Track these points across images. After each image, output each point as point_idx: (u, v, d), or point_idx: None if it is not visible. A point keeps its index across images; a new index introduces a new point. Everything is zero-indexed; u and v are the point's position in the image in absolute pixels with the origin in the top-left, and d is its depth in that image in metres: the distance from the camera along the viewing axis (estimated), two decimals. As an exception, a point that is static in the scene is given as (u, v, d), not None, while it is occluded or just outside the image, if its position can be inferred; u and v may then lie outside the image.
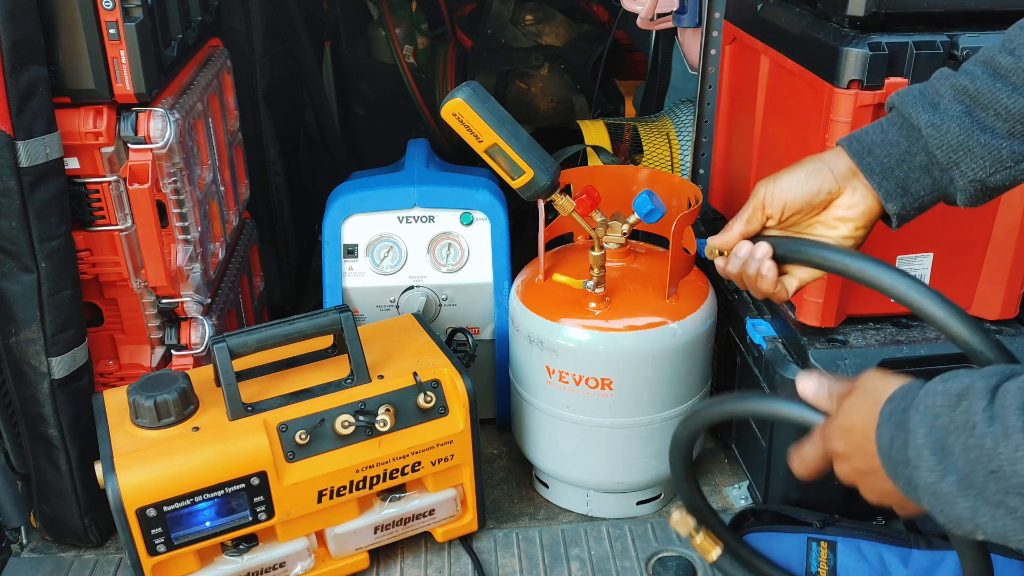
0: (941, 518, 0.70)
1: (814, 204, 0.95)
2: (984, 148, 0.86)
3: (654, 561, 1.38)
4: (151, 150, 1.27)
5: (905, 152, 0.91)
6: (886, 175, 0.92)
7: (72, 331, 1.27)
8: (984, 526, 0.67)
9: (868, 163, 0.92)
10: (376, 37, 2.61)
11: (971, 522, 0.67)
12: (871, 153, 0.92)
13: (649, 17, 1.65)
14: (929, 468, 0.69)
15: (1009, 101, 0.85)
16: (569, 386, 1.34)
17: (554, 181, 1.22)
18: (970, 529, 0.68)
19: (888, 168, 0.92)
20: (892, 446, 0.73)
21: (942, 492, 0.68)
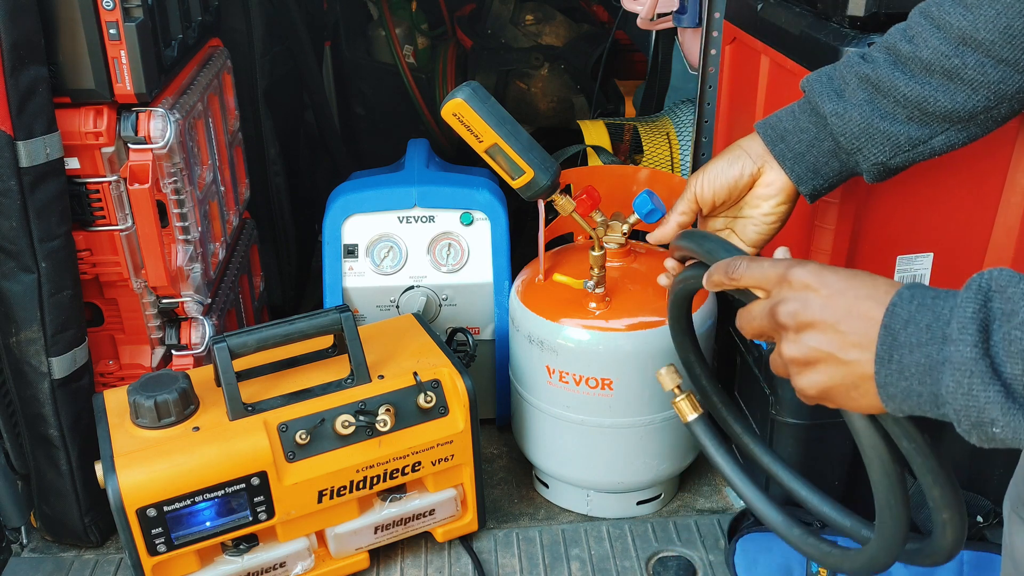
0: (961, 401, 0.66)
1: (739, 187, 1.04)
2: (883, 135, 0.94)
3: (654, 561, 1.38)
4: (151, 150, 1.27)
5: (814, 138, 0.99)
6: (797, 160, 1.00)
7: (72, 331, 1.27)
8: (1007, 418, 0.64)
9: (780, 149, 1.01)
10: (376, 37, 2.61)
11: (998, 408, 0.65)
12: (783, 140, 1.01)
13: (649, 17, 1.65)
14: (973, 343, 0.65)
15: (907, 90, 0.92)
16: (569, 386, 1.34)
17: (554, 181, 1.22)
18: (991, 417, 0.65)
19: (799, 153, 1.00)
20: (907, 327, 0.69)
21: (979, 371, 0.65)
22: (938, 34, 0.91)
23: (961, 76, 0.91)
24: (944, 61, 0.90)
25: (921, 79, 0.92)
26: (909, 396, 0.69)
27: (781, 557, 1.31)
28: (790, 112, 1.01)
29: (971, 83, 0.91)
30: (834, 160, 1.00)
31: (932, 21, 0.91)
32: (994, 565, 1.28)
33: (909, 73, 0.92)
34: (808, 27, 1.20)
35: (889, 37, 0.95)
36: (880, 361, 0.70)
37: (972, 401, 0.66)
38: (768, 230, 1.06)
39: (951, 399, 0.67)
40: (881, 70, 0.94)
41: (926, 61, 0.91)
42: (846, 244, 1.22)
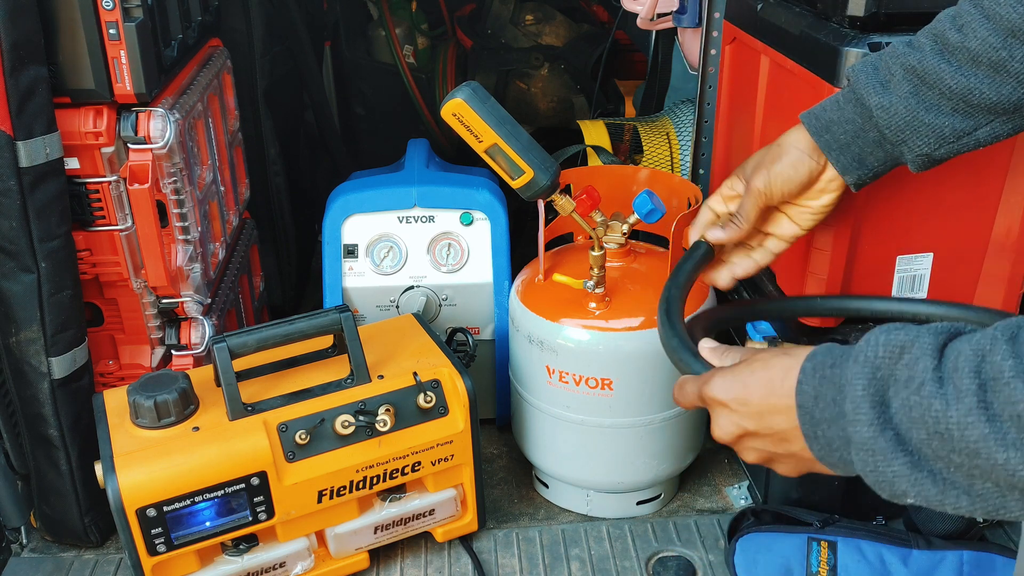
0: (871, 478, 0.68)
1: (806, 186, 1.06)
2: (928, 127, 0.95)
3: (654, 561, 1.38)
4: (151, 150, 1.27)
5: (859, 129, 0.99)
6: (843, 150, 1.01)
7: (72, 331, 1.27)
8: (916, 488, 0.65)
9: (826, 140, 1.01)
10: (376, 37, 2.60)
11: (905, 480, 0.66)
12: (829, 130, 1.01)
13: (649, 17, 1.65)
14: (868, 422, 0.66)
15: (952, 82, 0.92)
16: (569, 386, 1.34)
17: (554, 181, 1.22)
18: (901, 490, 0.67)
19: (844, 144, 1.01)
20: (817, 403, 0.71)
21: (878, 448, 0.66)
22: (987, 24, 0.90)
23: (1008, 68, 0.90)
24: (992, 53, 0.89)
25: (967, 70, 0.91)
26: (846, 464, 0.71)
27: (781, 557, 1.31)
28: (834, 103, 1.02)
29: (1017, 76, 0.90)
30: (879, 150, 1.00)
31: (982, 11, 0.90)
32: (994, 565, 1.28)
33: (956, 64, 0.92)
34: (808, 27, 1.20)
35: (938, 24, 0.94)
36: (809, 440, 0.73)
37: (881, 476, 0.67)
38: (821, 217, 1.09)
39: (863, 475, 0.69)
40: (927, 60, 0.93)
41: (973, 52, 0.90)
42: (846, 244, 1.22)
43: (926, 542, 1.29)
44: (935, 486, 0.64)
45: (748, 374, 0.78)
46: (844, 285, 1.25)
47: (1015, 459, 0.59)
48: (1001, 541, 1.36)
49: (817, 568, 1.28)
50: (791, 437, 0.75)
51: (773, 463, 0.81)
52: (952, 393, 0.62)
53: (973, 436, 0.61)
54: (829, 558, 1.29)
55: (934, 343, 0.65)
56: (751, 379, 0.78)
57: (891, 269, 1.25)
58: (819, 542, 1.30)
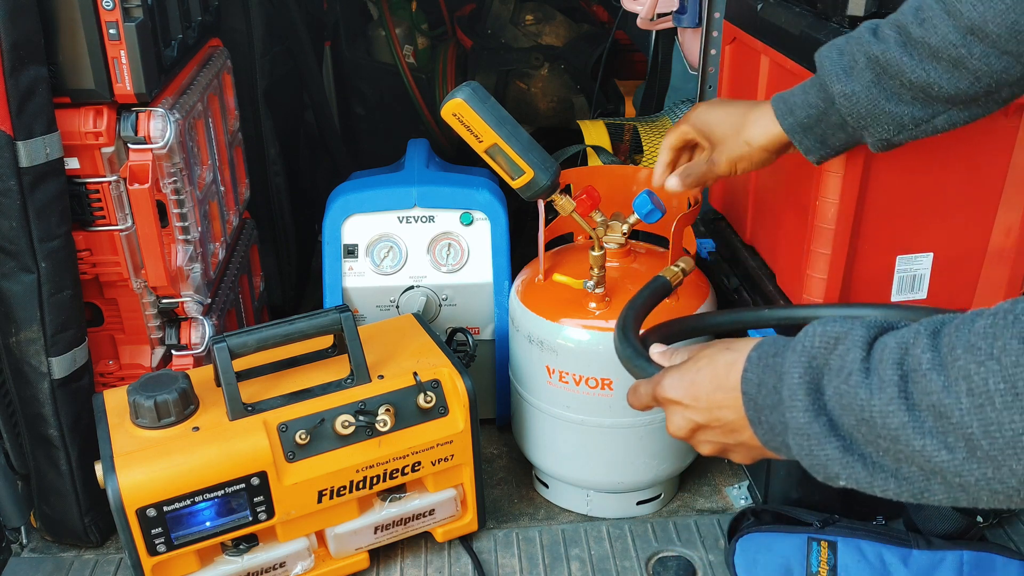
0: (806, 461, 0.71)
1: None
2: (888, 115, 0.99)
3: (654, 561, 1.38)
4: (151, 150, 1.27)
5: (822, 113, 1.04)
6: (806, 132, 1.06)
7: (72, 331, 1.27)
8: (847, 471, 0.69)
9: (790, 123, 1.07)
10: (376, 37, 2.60)
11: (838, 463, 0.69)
12: (792, 113, 1.06)
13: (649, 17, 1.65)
14: (803, 408, 0.70)
15: (912, 75, 0.95)
16: (569, 386, 1.34)
17: (554, 181, 1.22)
18: (834, 473, 0.70)
19: (807, 126, 1.06)
20: (760, 390, 0.75)
21: (812, 433, 0.69)
22: (948, 21, 0.92)
23: (966, 65, 0.93)
24: (951, 50, 0.93)
25: (927, 64, 0.94)
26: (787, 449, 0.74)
27: (781, 557, 1.31)
28: (801, 88, 1.07)
29: (975, 72, 0.93)
30: (841, 132, 1.05)
31: (944, 6, 0.93)
32: (994, 565, 1.28)
33: (916, 57, 0.95)
34: (808, 27, 1.20)
35: (902, 15, 0.97)
36: (754, 425, 0.77)
37: (815, 460, 0.70)
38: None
39: (800, 459, 0.72)
40: (891, 52, 0.96)
41: (934, 47, 0.93)
42: (846, 244, 1.22)
43: (926, 542, 1.29)
44: (865, 469, 0.68)
45: (695, 371, 0.82)
46: (844, 285, 1.25)
47: (931, 446, 0.62)
48: (1001, 541, 1.36)
49: (817, 568, 1.28)
50: (739, 427, 0.79)
51: (727, 453, 0.84)
52: (876, 383, 0.65)
53: (893, 424, 0.64)
54: (829, 558, 1.29)
55: (865, 335, 0.69)
56: (698, 376, 0.81)
57: (891, 269, 1.25)
58: (819, 542, 1.30)
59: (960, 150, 1.18)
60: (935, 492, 0.65)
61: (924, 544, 1.29)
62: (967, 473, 0.62)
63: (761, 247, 1.48)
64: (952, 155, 1.18)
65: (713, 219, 1.67)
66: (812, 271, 1.25)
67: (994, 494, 0.62)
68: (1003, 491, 0.61)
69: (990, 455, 0.60)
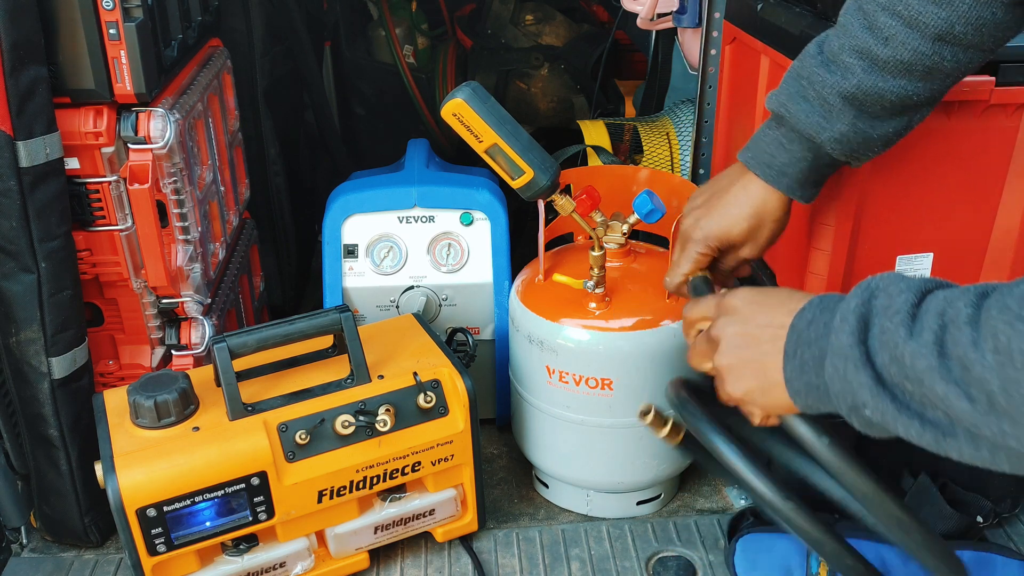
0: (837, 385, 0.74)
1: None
2: (878, 139, 1.01)
3: (654, 561, 1.38)
4: (151, 150, 1.27)
5: (813, 162, 1.04)
6: (803, 186, 1.06)
7: (72, 331, 1.27)
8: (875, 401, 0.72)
9: (786, 183, 1.05)
10: (376, 37, 2.60)
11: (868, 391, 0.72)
12: (785, 174, 1.05)
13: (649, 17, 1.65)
14: (849, 332, 0.73)
15: (892, 95, 0.96)
16: (569, 386, 1.34)
17: (554, 181, 1.22)
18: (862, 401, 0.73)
19: (803, 181, 1.06)
20: (811, 325, 0.78)
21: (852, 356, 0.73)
22: (914, 35, 0.93)
23: (940, 69, 0.95)
24: (925, 60, 0.94)
25: (902, 80, 0.96)
26: (809, 391, 0.77)
27: (781, 557, 1.31)
28: (778, 144, 1.05)
29: (947, 72, 0.96)
30: (830, 169, 1.07)
31: (904, 21, 0.93)
32: (994, 565, 1.28)
33: (890, 77, 0.96)
34: (808, 27, 1.20)
35: (856, 39, 0.96)
36: (787, 357, 0.79)
37: (846, 385, 0.73)
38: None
39: (831, 383, 0.75)
40: (864, 82, 0.96)
41: (907, 63, 0.94)
42: (846, 244, 1.22)
43: (926, 542, 1.29)
44: (893, 404, 0.71)
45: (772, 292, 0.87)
46: (844, 285, 1.25)
47: (953, 393, 0.65)
48: (1001, 541, 1.36)
49: (817, 569, 1.28)
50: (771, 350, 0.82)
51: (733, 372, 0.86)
52: (917, 328, 0.69)
53: (920, 366, 0.67)
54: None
55: (921, 286, 0.72)
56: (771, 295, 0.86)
57: (891, 269, 1.25)
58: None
59: (960, 150, 1.18)
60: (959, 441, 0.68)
61: (924, 544, 1.29)
62: (985, 426, 0.64)
63: (761, 247, 1.48)
64: (952, 155, 1.18)
65: (713, 219, 1.67)
66: (812, 270, 1.25)
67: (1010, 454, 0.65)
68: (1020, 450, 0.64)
69: (1007, 412, 0.62)
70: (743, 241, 1.09)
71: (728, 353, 0.87)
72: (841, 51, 0.97)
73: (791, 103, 1.02)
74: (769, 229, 1.09)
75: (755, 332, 0.84)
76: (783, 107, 1.03)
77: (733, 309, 0.88)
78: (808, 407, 0.79)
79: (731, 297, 0.89)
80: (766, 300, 0.85)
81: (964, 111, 1.15)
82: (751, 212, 1.07)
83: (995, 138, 1.18)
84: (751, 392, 0.85)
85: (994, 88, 1.13)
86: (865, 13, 0.96)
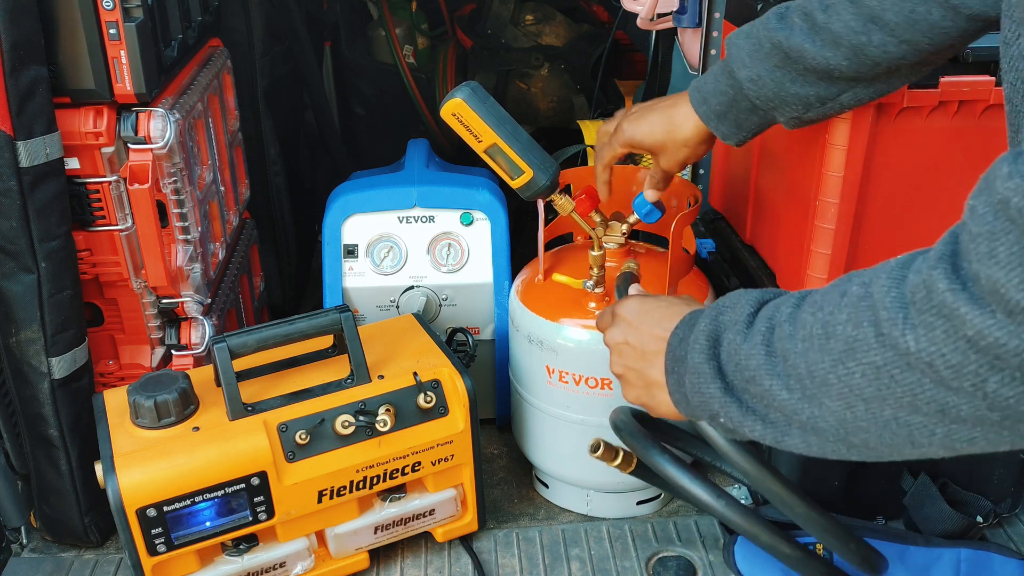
0: (695, 399, 0.80)
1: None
2: (795, 96, 1.05)
3: (654, 561, 1.38)
4: (151, 150, 1.27)
5: (732, 99, 1.09)
6: (720, 119, 1.12)
7: (72, 331, 1.27)
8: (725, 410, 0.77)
9: (705, 111, 1.12)
10: (376, 37, 2.60)
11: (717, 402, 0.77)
12: (706, 102, 1.12)
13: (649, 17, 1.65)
14: (700, 350, 0.79)
15: (814, 61, 1.00)
16: (569, 386, 1.34)
17: (554, 181, 1.22)
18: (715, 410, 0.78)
19: (721, 113, 1.11)
20: (680, 344, 0.84)
21: (702, 372, 0.78)
22: (851, 8, 0.97)
23: (865, 51, 0.98)
24: (852, 36, 0.98)
25: (829, 50, 0.99)
26: (687, 402, 0.83)
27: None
28: (712, 75, 1.11)
29: (873, 58, 0.99)
30: (753, 115, 1.10)
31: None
32: (992, 564, 1.28)
33: (819, 43, 1.00)
34: (808, 27, 1.20)
35: (809, 2, 1.01)
36: (666, 372, 0.86)
37: (702, 398, 0.79)
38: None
39: (691, 397, 0.81)
40: (794, 38, 1.01)
41: (836, 33, 0.99)
42: (846, 244, 1.22)
43: (924, 540, 1.29)
44: (739, 410, 0.76)
45: (654, 306, 0.93)
46: (844, 285, 1.25)
47: (776, 386, 0.71)
48: (1001, 541, 1.36)
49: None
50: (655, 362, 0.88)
51: (625, 380, 0.93)
52: (751, 333, 0.75)
53: (752, 365, 0.73)
54: (826, 556, 1.29)
55: (759, 297, 0.78)
56: (654, 308, 0.92)
57: (891, 269, 1.25)
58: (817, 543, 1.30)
59: (960, 150, 1.18)
60: (793, 436, 0.72)
61: (922, 541, 1.29)
62: (801, 412, 0.70)
63: (761, 247, 1.48)
64: (952, 155, 1.18)
65: (713, 219, 1.68)
66: (812, 271, 1.25)
67: (825, 439, 0.70)
68: (831, 432, 0.68)
69: (813, 394, 0.68)
70: (656, 151, 1.19)
71: (618, 363, 0.94)
72: (795, 7, 1.03)
73: (736, 38, 1.08)
74: (682, 149, 1.17)
75: (639, 343, 0.91)
76: (730, 40, 1.09)
77: (620, 319, 0.94)
78: (691, 415, 0.85)
79: (620, 307, 0.95)
80: (651, 311, 0.92)
81: (964, 111, 1.15)
82: (668, 128, 1.16)
83: (995, 138, 1.18)
84: (641, 398, 0.92)
85: (994, 88, 1.13)
86: None
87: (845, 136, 1.15)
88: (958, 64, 1.12)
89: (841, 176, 1.18)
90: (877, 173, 1.18)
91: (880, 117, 1.14)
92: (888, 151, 1.17)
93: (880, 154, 1.17)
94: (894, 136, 1.16)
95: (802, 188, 1.25)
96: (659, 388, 0.87)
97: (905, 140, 1.16)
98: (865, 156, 1.16)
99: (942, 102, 1.14)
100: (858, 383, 0.64)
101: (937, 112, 1.15)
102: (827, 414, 0.68)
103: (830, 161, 1.18)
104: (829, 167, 1.18)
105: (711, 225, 1.68)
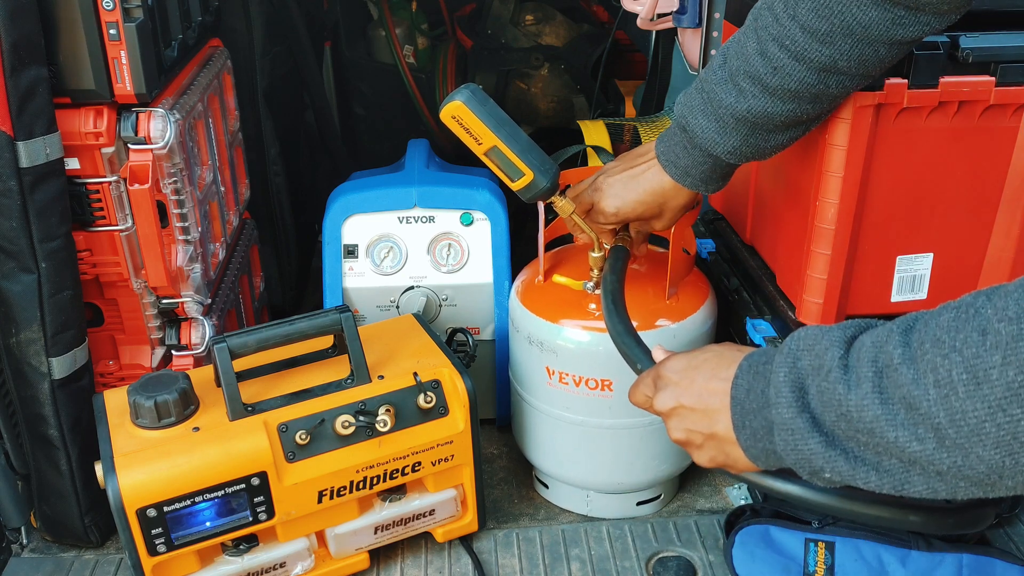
0: (791, 457, 0.75)
1: None
2: (771, 146, 1.10)
3: (654, 561, 1.38)
4: (151, 150, 1.27)
5: (713, 167, 1.14)
6: (707, 182, 1.16)
7: (72, 331, 1.27)
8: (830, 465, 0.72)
9: (691, 181, 1.16)
10: (376, 37, 2.60)
11: (820, 457, 0.73)
12: (689, 174, 1.15)
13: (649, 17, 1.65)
14: (787, 404, 0.74)
15: (781, 117, 1.05)
16: (569, 387, 1.34)
17: (553, 183, 1.22)
18: (818, 466, 0.73)
19: (705, 179, 1.15)
20: (748, 395, 0.79)
21: (796, 428, 0.73)
22: (800, 67, 1.00)
23: (826, 94, 1.04)
24: (811, 88, 1.02)
25: (790, 103, 1.04)
26: (768, 455, 0.78)
27: (778, 555, 1.31)
28: (684, 150, 1.14)
29: (834, 96, 1.05)
30: (731, 169, 1.17)
31: (792, 55, 1.00)
32: (994, 569, 1.28)
33: (780, 100, 1.04)
34: (808, 28, 1.20)
35: (751, 66, 1.03)
36: (737, 429, 0.81)
37: (799, 455, 0.74)
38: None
39: (785, 455, 0.76)
40: (755, 106, 1.04)
41: (794, 91, 1.02)
42: (846, 245, 1.22)
43: (925, 543, 1.29)
44: (847, 463, 0.71)
45: (701, 359, 0.87)
46: (844, 286, 1.25)
47: (904, 437, 0.66)
48: (1001, 542, 1.36)
49: (814, 568, 1.28)
50: (719, 418, 0.83)
51: (692, 445, 0.88)
52: (853, 379, 0.69)
53: (868, 417, 0.68)
54: (826, 558, 1.29)
55: (843, 336, 0.73)
56: (702, 362, 0.87)
57: (891, 269, 1.25)
58: (816, 542, 1.30)
59: (960, 150, 1.18)
60: (915, 483, 0.68)
61: (924, 545, 1.29)
62: (939, 462, 0.65)
63: (761, 247, 1.48)
64: (952, 155, 1.18)
65: (713, 219, 1.68)
66: (812, 271, 1.25)
67: (968, 483, 0.65)
68: (975, 478, 0.64)
69: (957, 443, 0.63)
70: (651, 218, 1.22)
71: (678, 428, 0.89)
72: (738, 73, 1.05)
73: (691, 116, 1.11)
74: (676, 211, 1.21)
75: (697, 403, 0.85)
76: (684, 119, 1.12)
77: (666, 381, 0.90)
78: (770, 466, 0.81)
79: (662, 369, 0.91)
80: (699, 366, 0.87)
81: (964, 111, 1.15)
82: (661, 200, 1.19)
83: (995, 138, 1.18)
84: (716, 460, 0.87)
85: (994, 88, 1.13)
86: (759, 39, 1.02)
87: (845, 136, 1.15)
88: (958, 64, 1.12)
89: (841, 176, 1.17)
90: (877, 173, 1.18)
91: (880, 117, 1.14)
92: (888, 151, 1.17)
93: (880, 154, 1.17)
94: (894, 136, 1.16)
95: (802, 188, 1.25)
96: (731, 445, 0.82)
97: (905, 140, 1.16)
98: (865, 156, 1.16)
99: (942, 102, 1.14)
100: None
101: (937, 112, 1.15)
102: (976, 462, 0.63)
103: (830, 161, 1.18)
104: (829, 167, 1.18)
105: (711, 225, 1.68)
